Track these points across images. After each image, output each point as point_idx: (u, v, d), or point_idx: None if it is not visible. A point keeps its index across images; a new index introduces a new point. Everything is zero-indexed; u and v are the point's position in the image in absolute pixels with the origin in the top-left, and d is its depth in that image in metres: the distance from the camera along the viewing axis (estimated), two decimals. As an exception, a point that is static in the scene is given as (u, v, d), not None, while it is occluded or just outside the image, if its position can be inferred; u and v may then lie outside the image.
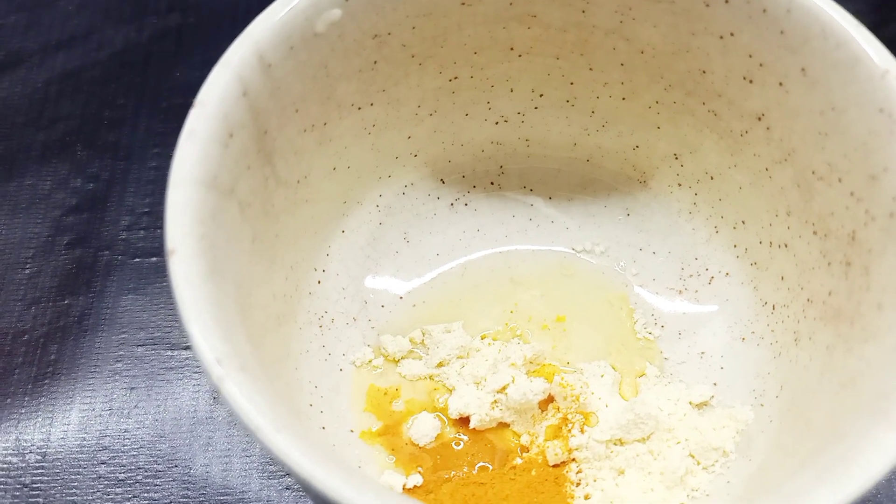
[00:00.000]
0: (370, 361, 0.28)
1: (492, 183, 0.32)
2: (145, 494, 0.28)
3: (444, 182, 0.31)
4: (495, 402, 0.27)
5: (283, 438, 0.17)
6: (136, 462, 0.28)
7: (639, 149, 0.30)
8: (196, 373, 0.30)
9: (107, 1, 0.40)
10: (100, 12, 0.39)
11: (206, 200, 0.20)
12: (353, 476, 0.17)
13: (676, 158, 0.30)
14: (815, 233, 0.25)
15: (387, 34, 0.26)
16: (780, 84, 0.24)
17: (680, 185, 0.30)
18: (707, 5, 0.24)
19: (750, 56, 0.25)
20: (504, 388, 0.27)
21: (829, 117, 0.23)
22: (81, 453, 0.29)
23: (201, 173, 0.20)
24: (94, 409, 0.30)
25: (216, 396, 0.30)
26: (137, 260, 0.33)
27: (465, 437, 0.27)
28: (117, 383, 0.30)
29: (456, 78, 0.28)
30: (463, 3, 0.26)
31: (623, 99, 0.29)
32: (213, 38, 0.39)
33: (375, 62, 0.26)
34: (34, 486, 0.28)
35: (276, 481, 0.28)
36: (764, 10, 0.23)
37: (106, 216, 0.34)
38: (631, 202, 0.31)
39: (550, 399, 0.27)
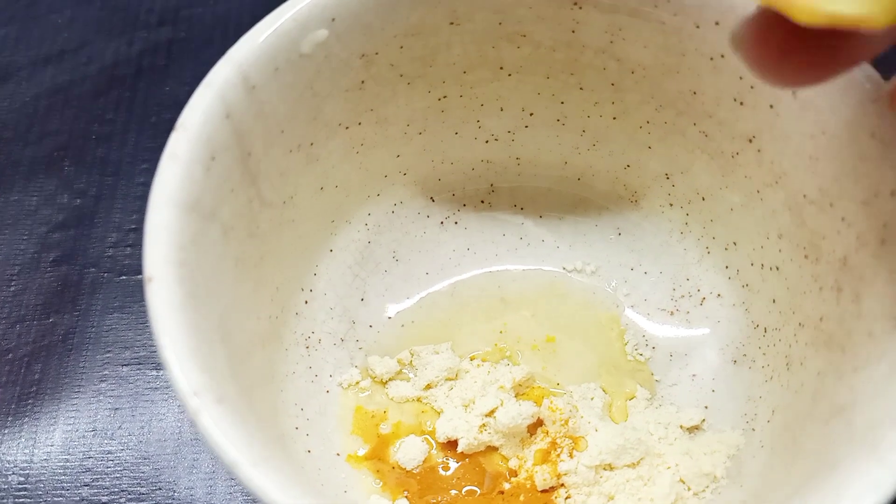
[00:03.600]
0: (357, 383, 0.28)
1: (482, 201, 0.31)
2: (129, 517, 0.28)
3: (433, 200, 0.31)
4: (484, 425, 0.27)
5: (259, 473, 0.17)
6: (120, 485, 0.28)
7: (630, 168, 0.30)
8: (182, 393, 0.30)
9: (97, 14, 0.40)
10: (90, 26, 0.39)
11: (187, 225, 0.20)
12: (333, 510, 0.17)
13: (668, 178, 0.29)
14: (806, 256, 0.25)
15: (374, 54, 0.25)
16: (771, 106, 0.24)
17: (671, 204, 0.30)
18: (697, 26, 0.24)
19: (740, 78, 0.24)
20: (492, 412, 0.27)
21: (820, 141, 0.23)
22: (65, 475, 0.28)
23: (182, 197, 0.20)
24: (77, 430, 0.29)
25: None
26: (124, 278, 0.32)
27: (453, 461, 0.27)
28: (101, 404, 0.30)
29: (445, 97, 0.28)
30: (451, 23, 0.26)
31: (614, 118, 0.29)
32: (204, 52, 0.39)
33: (363, 82, 0.26)
34: (16, 508, 0.28)
35: (261, 504, 0.28)
36: (754, 33, 0.23)
37: (93, 233, 0.33)
38: (622, 222, 0.31)
39: (539, 423, 0.27)
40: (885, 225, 0.21)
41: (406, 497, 0.26)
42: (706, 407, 0.27)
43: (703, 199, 0.29)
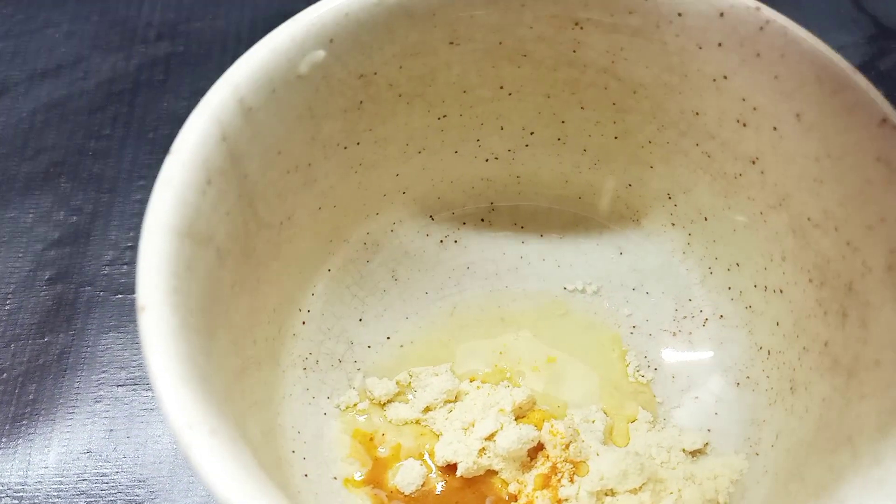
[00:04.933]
0: (355, 405, 0.28)
1: (482, 220, 0.31)
2: (123, 541, 0.27)
3: (433, 219, 0.31)
4: (483, 449, 0.26)
5: (253, 509, 0.16)
6: (114, 508, 0.28)
7: (631, 187, 0.30)
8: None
9: (95, 29, 0.39)
10: (88, 40, 0.39)
11: (182, 251, 0.20)
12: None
13: (670, 198, 0.29)
14: (810, 280, 0.24)
15: (373, 74, 0.25)
16: (775, 128, 0.24)
17: (673, 224, 0.29)
18: (700, 47, 0.24)
19: (743, 99, 0.24)
20: (492, 435, 0.26)
21: (824, 164, 0.22)
22: (59, 498, 0.28)
23: (177, 223, 0.20)
24: (72, 452, 0.29)
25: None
26: (119, 296, 0.32)
27: (452, 485, 0.26)
28: (96, 425, 0.29)
29: (445, 116, 0.28)
30: (451, 43, 0.25)
31: (615, 138, 0.28)
32: (202, 67, 0.38)
33: (361, 102, 0.26)
34: (9, 531, 0.28)
35: (257, 528, 0.28)
36: (757, 55, 0.23)
37: (88, 250, 0.33)
38: (624, 241, 0.30)
39: (540, 447, 0.26)
40: (891, 251, 0.21)
41: (404, 522, 0.25)
42: (709, 430, 0.27)
43: (706, 219, 0.28)
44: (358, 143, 0.27)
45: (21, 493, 0.28)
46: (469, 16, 0.24)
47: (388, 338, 0.29)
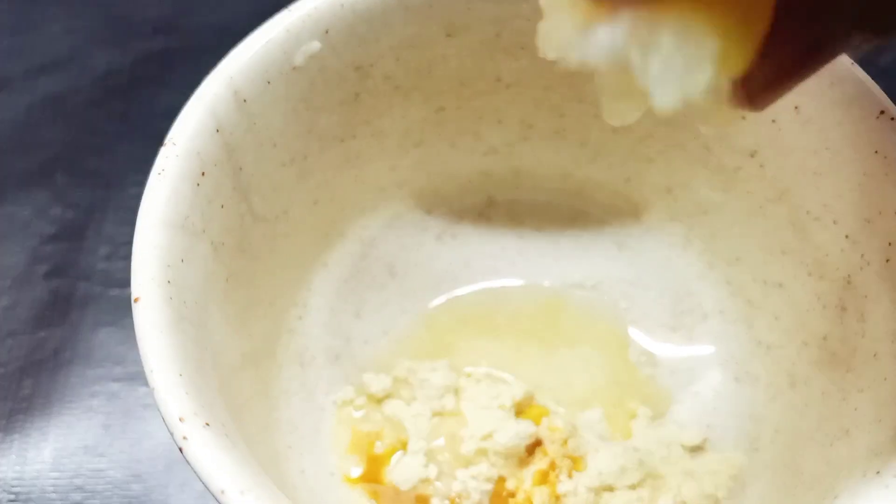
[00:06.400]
0: (352, 401, 0.27)
1: (480, 214, 0.31)
2: (119, 537, 0.27)
3: (430, 213, 0.30)
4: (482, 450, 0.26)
5: (247, 502, 0.16)
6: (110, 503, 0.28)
7: (630, 181, 0.29)
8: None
9: (92, 24, 0.39)
10: (84, 35, 0.39)
11: (176, 243, 0.20)
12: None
13: (669, 192, 0.29)
14: (809, 274, 0.24)
15: (369, 66, 0.25)
16: (773, 121, 0.23)
17: (672, 219, 0.29)
18: (698, 39, 0.24)
19: (742, 92, 0.24)
20: (490, 433, 0.26)
21: (823, 157, 0.22)
22: (55, 492, 0.28)
23: (171, 215, 0.20)
24: (68, 447, 0.29)
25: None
26: (116, 291, 0.32)
27: (450, 481, 0.26)
28: (92, 420, 0.29)
29: (442, 109, 0.28)
30: (448, 35, 0.25)
31: (614, 131, 0.28)
32: (199, 62, 0.38)
33: (358, 94, 0.25)
34: (5, 527, 0.27)
35: (254, 524, 0.27)
36: (756, 46, 0.23)
37: (85, 245, 0.33)
38: (623, 236, 0.30)
39: (538, 443, 0.26)
40: (889, 244, 0.21)
41: (401, 518, 0.25)
42: (708, 425, 0.27)
43: (705, 213, 0.28)
44: (354, 136, 0.27)
45: (17, 489, 0.28)
46: (466, 7, 0.24)
47: (386, 333, 0.29)
